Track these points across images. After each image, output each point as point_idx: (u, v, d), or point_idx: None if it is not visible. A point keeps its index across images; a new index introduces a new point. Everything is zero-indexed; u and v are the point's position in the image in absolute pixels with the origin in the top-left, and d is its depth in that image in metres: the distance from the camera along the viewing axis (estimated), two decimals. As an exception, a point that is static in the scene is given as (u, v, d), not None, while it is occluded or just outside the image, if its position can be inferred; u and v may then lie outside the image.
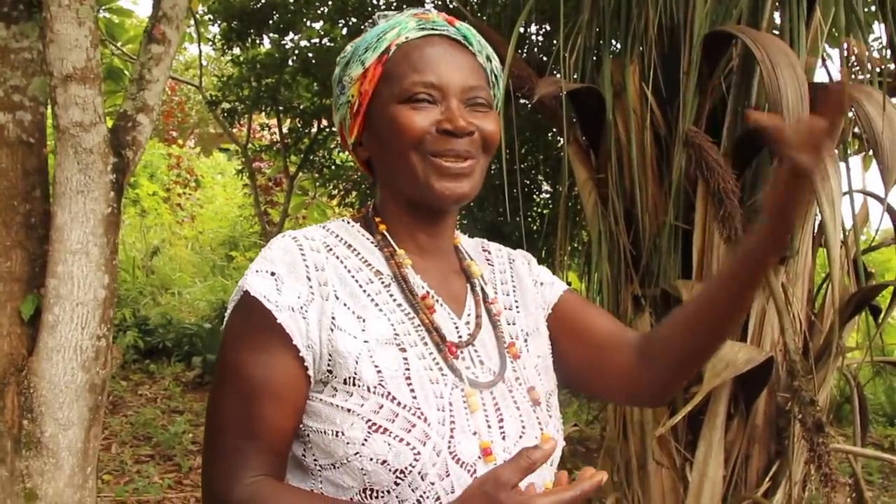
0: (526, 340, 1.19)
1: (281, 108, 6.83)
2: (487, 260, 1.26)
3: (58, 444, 2.58)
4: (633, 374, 1.20)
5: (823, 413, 2.48)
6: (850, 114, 2.59)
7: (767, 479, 2.65)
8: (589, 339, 1.23)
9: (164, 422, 5.37)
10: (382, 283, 1.09)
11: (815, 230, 2.77)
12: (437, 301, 1.11)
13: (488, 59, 1.14)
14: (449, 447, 1.00)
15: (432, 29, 1.09)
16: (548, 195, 6.05)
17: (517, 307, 1.22)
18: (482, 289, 1.19)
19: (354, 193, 7.27)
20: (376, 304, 1.06)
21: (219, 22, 6.49)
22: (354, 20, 6.16)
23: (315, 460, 1.03)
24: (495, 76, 1.16)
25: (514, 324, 1.20)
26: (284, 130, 7.41)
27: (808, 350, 2.66)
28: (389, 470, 0.97)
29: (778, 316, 2.52)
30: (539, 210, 6.10)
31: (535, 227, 5.83)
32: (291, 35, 6.59)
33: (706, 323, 1.14)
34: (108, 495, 4.02)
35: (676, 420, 2.51)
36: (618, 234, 2.79)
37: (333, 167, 7.48)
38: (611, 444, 2.92)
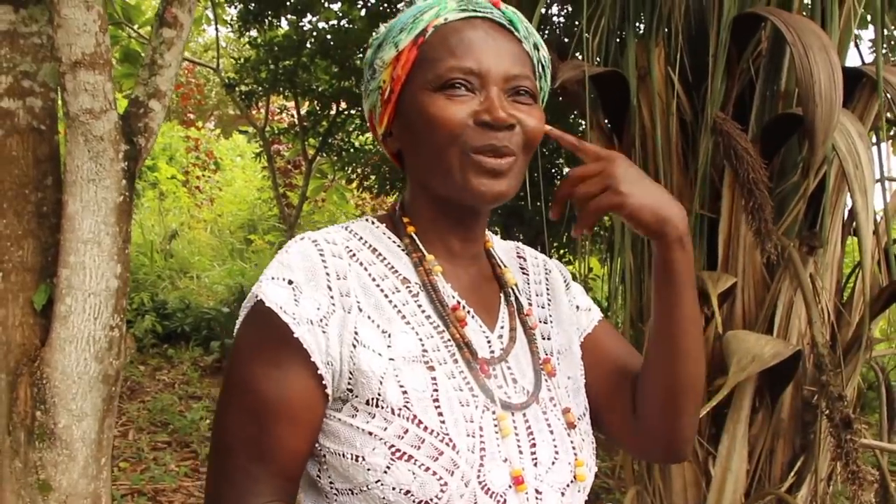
0: (559, 359, 1.11)
1: (299, 90, 6.78)
2: (522, 268, 1.18)
3: (71, 435, 2.56)
4: (635, 429, 1.13)
5: (850, 407, 2.42)
6: (885, 96, 2.50)
7: (792, 474, 2.60)
8: (615, 379, 1.15)
9: (181, 408, 5.37)
10: (410, 292, 1.00)
11: (845, 218, 2.69)
12: (469, 312, 1.03)
13: (535, 47, 1.04)
14: (478, 476, 0.92)
15: (474, 10, 0.99)
16: (569, 179, 5.97)
17: (551, 322, 1.14)
18: (517, 299, 1.10)
19: (374, 177, 7.22)
20: (403, 317, 0.97)
21: (236, 4, 6.44)
22: (373, 1, 6.08)
23: (331, 483, 0.95)
24: (542, 66, 1.06)
25: (548, 339, 1.12)
26: (303, 113, 7.36)
27: (836, 343, 2.59)
28: (413, 501, 0.90)
29: (806, 308, 2.44)
30: (560, 194, 6.02)
31: (555, 212, 5.75)
32: (309, 17, 6.53)
33: (657, 355, 1.07)
34: (125, 483, 4.02)
35: (701, 415, 2.44)
36: (641, 223, 2.73)
37: (352, 150, 7.43)
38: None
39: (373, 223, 1.06)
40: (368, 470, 0.90)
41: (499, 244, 1.18)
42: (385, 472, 0.90)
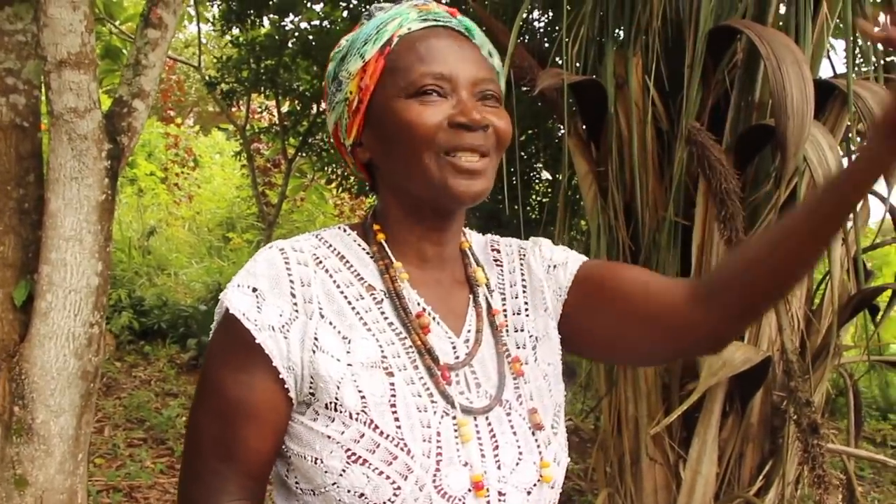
0: (535, 347, 1.12)
1: (280, 90, 6.79)
2: (496, 261, 1.17)
3: (49, 430, 2.56)
4: (689, 323, 1.06)
5: (818, 413, 2.47)
6: (854, 109, 2.56)
7: (760, 477, 2.65)
8: (626, 300, 1.10)
9: (157, 405, 5.35)
10: (374, 299, 1.02)
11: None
12: (434, 319, 1.04)
13: (490, 54, 1.07)
14: (434, 481, 0.94)
15: (435, 20, 1.02)
16: (547, 183, 6.02)
17: (527, 310, 1.14)
18: (487, 299, 1.11)
19: (353, 178, 7.24)
20: (364, 323, 0.99)
21: (218, 2, 6.44)
22: (355, 2, 6.11)
23: (296, 483, 0.99)
24: (496, 73, 1.08)
25: (522, 330, 1.12)
26: (283, 112, 7.36)
27: (805, 350, 2.64)
28: (367, 503, 0.93)
29: (776, 315, 2.50)
30: (538, 199, 6.07)
31: (533, 216, 5.80)
32: (291, 17, 6.54)
33: (784, 256, 0.99)
34: (100, 479, 4.01)
35: (672, 418, 2.50)
36: (617, 228, 2.77)
37: (332, 150, 7.43)
38: (605, 439, 2.91)
39: (345, 231, 1.08)
40: (325, 472, 0.94)
41: (476, 240, 1.18)
42: (341, 474, 0.93)
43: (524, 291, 1.16)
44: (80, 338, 2.56)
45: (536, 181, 6.00)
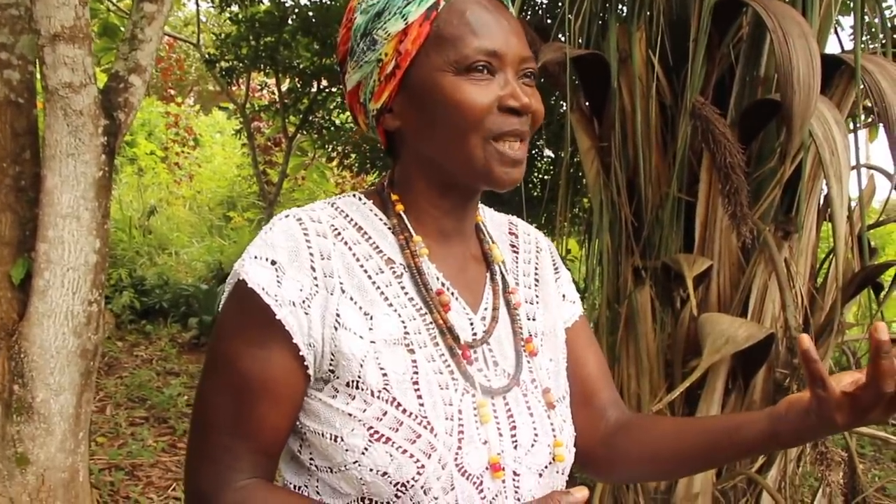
0: (542, 341, 1.10)
1: (280, 67, 6.74)
2: (513, 246, 1.15)
3: (49, 409, 2.56)
4: (597, 438, 1.14)
5: (823, 390, 2.46)
6: (861, 85, 2.53)
7: (762, 455, 2.64)
8: (573, 379, 1.14)
9: (158, 384, 5.36)
10: (394, 273, 0.98)
11: (821, 204, 2.73)
12: (454, 295, 1.01)
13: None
14: (456, 459, 0.92)
15: None
16: (549, 160, 5.98)
17: (537, 302, 1.13)
18: (503, 277, 1.08)
19: (354, 155, 7.20)
20: (386, 299, 0.96)
21: (217, -22, 6.38)
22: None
23: (311, 460, 0.95)
24: None
25: (533, 319, 1.10)
26: (283, 90, 7.31)
27: (809, 327, 2.62)
28: (390, 482, 0.89)
29: (780, 291, 2.48)
30: (540, 176, 6.04)
31: (535, 193, 5.77)
32: (291, -8, 6.48)
33: (700, 454, 1.06)
34: (102, 458, 4.01)
35: (675, 395, 2.48)
36: (619, 205, 2.75)
37: (333, 128, 7.40)
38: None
39: (360, 199, 1.03)
40: (346, 450, 0.90)
41: (491, 218, 1.16)
42: (363, 453, 0.90)
43: (536, 284, 1.14)
44: (78, 316, 2.55)
45: (538, 158, 5.96)
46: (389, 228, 1.01)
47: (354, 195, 1.04)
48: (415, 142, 0.99)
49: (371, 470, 0.90)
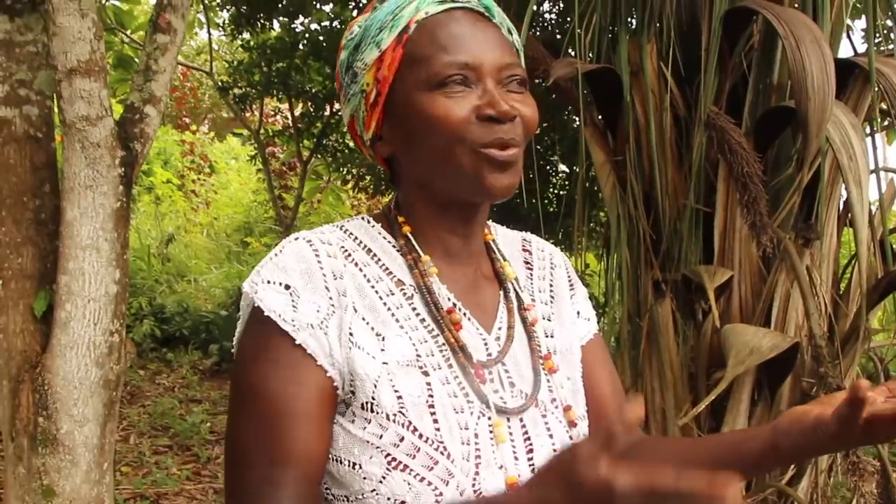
0: (560, 358, 1.08)
1: (292, 92, 6.77)
2: (527, 262, 1.14)
3: (74, 440, 2.56)
4: None
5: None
6: (876, 88, 2.51)
7: (792, 466, 2.60)
8: (586, 398, 1.10)
9: (181, 411, 5.37)
10: (404, 294, 0.97)
11: (841, 210, 2.70)
12: (465, 315, 1.00)
13: (509, 31, 1.01)
14: (473, 485, 0.90)
15: (453, 1, 0.95)
16: (564, 175, 5.97)
17: (553, 319, 1.11)
18: (517, 294, 1.07)
19: (369, 178, 7.22)
20: (397, 320, 0.94)
21: (228, 7, 6.43)
22: (365, 2, 6.08)
23: (328, 489, 0.92)
24: (516, 51, 1.02)
25: (551, 336, 1.08)
26: (296, 115, 7.36)
27: (834, 334, 2.60)
28: None
29: (803, 300, 2.46)
30: (556, 191, 6.03)
31: (552, 209, 5.76)
32: (301, 18, 6.52)
33: (704, 468, 1.03)
34: (127, 487, 4.01)
35: (700, 408, 2.46)
36: (637, 218, 2.74)
37: (347, 151, 7.42)
38: (632, 431, 2.87)
39: (368, 222, 1.03)
40: (364, 479, 0.88)
41: (503, 235, 1.15)
42: (381, 481, 0.88)
43: (552, 301, 1.13)
44: (100, 346, 2.55)
45: (553, 174, 5.95)
46: (398, 250, 1.00)
47: (363, 218, 1.04)
48: (407, 165, 1.00)
49: (389, 499, 0.87)
